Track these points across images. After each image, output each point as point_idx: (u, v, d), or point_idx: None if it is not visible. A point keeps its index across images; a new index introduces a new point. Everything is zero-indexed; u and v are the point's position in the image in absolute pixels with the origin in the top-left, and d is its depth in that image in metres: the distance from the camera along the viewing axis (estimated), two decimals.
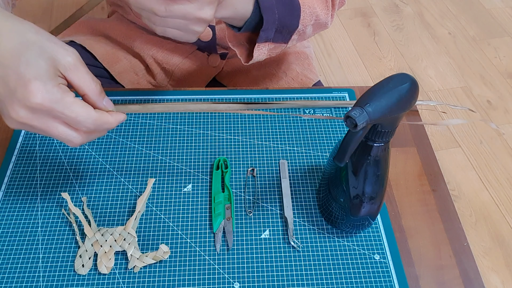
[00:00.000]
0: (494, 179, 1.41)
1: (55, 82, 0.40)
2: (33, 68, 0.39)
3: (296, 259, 0.52)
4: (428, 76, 1.71)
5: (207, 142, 0.62)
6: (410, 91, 0.41)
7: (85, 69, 0.42)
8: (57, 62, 0.40)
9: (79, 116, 0.41)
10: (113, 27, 0.78)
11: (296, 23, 0.63)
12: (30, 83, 0.38)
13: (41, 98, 0.39)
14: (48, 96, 0.39)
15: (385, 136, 0.44)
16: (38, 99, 0.39)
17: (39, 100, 0.39)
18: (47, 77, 0.39)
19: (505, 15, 1.97)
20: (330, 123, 0.65)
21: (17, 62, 0.39)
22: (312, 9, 0.64)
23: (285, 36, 0.63)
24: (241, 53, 0.67)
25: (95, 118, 0.42)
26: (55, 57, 0.40)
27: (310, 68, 0.82)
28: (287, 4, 0.61)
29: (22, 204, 0.55)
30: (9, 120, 0.41)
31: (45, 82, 0.39)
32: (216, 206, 0.55)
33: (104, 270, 0.50)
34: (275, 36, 0.61)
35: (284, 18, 0.61)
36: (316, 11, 0.65)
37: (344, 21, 1.92)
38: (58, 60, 0.40)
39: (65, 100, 0.40)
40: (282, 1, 0.60)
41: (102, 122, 0.43)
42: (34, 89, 0.38)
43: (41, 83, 0.39)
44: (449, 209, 0.58)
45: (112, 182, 0.58)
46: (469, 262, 0.53)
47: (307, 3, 0.63)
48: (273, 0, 0.58)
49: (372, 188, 0.48)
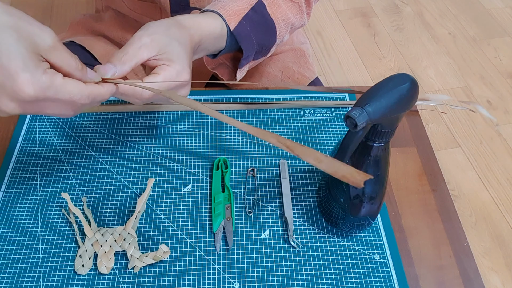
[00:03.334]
0: (494, 179, 1.41)
1: (42, 69, 0.38)
2: (16, 58, 0.37)
3: (296, 259, 0.52)
4: (428, 76, 1.71)
5: (207, 142, 0.62)
6: (410, 91, 0.41)
7: (63, 47, 0.41)
8: (37, 46, 0.38)
9: (73, 96, 0.40)
10: (109, 27, 0.78)
11: (273, 39, 0.63)
12: (18, 76, 0.37)
13: (33, 90, 0.37)
14: (39, 85, 0.37)
15: (385, 136, 0.44)
16: (30, 91, 0.37)
17: (30, 92, 0.37)
18: (33, 66, 0.37)
19: (505, 15, 1.97)
20: (330, 123, 0.65)
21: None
22: (286, 20, 0.64)
23: (264, 53, 0.64)
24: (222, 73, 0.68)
25: (88, 93, 0.41)
26: (34, 41, 0.38)
27: (307, 65, 0.82)
28: (262, 26, 0.61)
29: (22, 204, 0.55)
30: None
31: (32, 72, 0.37)
32: (216, 206, 0.55)
33: (104, 270, 0.50)
34: (255, 56, 0.62)
35: (262, 40, 0.61)
36: (290, 20, 0.65)
37: (344, 21, 1.91)
38: (37, 43, 0.38)
39: (55, 84, 0.39)
40: (257, 25, 0.60)
41: (95, 95, 0.42)
42: (24, 82, 0.37)
43: (29, 75, 0.37)
44: (449, 209, 0.58)
45: (112, 182, 0.58)
46: (469, 262, 0.53)
47: (280, 16, 0.63)
48: (248, 27, 0.59)
49: (372, 188, 0.48)
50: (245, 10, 0.59)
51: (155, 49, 0.47)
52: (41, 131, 0.62)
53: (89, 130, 0.63)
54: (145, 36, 0.47)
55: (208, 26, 0.55)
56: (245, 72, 0.65)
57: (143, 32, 0.48)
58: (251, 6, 0.59)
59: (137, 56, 0.46)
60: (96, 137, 0.62)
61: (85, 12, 1.57)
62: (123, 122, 0.64)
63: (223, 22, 0.57)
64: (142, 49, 0.46)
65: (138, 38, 0.47)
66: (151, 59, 0.47)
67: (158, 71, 0.47)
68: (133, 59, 0.46)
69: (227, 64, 0.70)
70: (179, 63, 0.48)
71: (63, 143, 0.61)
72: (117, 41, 0.78)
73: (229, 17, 0.57)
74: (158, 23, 0.50)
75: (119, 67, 0.45)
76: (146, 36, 0.47)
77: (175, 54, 0.48)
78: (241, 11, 0.58)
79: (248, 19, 0.59)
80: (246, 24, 0.58)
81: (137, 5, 0.72)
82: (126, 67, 0.45)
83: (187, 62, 0.49)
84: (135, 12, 0.73)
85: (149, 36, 0.47)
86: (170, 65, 0.47)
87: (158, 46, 0.47)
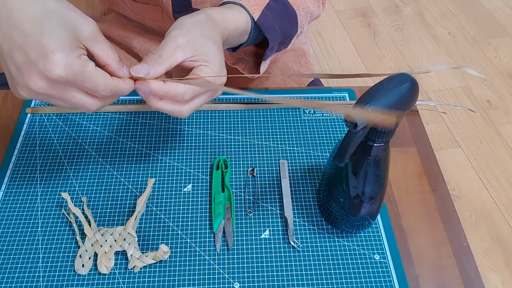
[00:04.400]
0: (494, 179, 1.41)
1: (77, 54, 0.39)
2: (56, 39, 0.38)
3: (296, 259, 0.52)
4: (428, 76, 1.71)
5: (207, 142, 0.62)
6: (410, 91, 0.41)
7: (104, 39, 0.42)
8: (79, 33, 0.40)
9: (98, 86, 0.41)
10: (111, 27, 0.78)
11: (295, 28, 0.63)
12: (53, 54, 0.38)
13: (64, 70, 0.38)
14: (71, 68, 0.39)
15: (385, 136, 0.44)
16: (61, 72, 0.38)
17: (61, 73, 0.38)
18: (69, 49, 0.39)
19: (505, 15, 1.97)
20: (330, 123, 0.65)
21: (39, 31, 0.38)
22: (306, 8, 0.64)
23: (287, 43, 0.64)
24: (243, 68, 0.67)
25: (112, 87, 0.42)
26: (76, 27, 0.40)
27: (307, 65, 0.82)
28: (284, 15, 0.61)
29: (22, 204, 0.55)
30: (24, 90, 0.40)
31: (68, 54, 0.38)
32: (216, 206, 0.55)
33: (104, 270, 0.50)
34: (279, 48, 0.62)
35: (285, 30, 0.61)
36: (310, 8, 0.65)
37: (344, 21, 1.92)
38: (79, 30, 0.40)
39: (85, 70, 0.40)
40: (279, 15, 0.60)
41: (117, 90, 0.43)
42: (57, 61, 0.38)
43: (64, 55, 0.38)
44: (449, 209, 0.58)
45: (112, 182, 0.58)
46: (469, 262, 0.53)
47: (301, 5, 0.63)
48: (271, 17, 0.58)
49: (372, 188, 0.48)
50: (266, 0, 0.58)
51: (191, 50, 0.46)
52: (41, 131, 0.62)
53: (89, 130, 0.63)
54: (181, 36, 0.46)
55: (235, 21, 0.54)
56: (267, 65, 0.64)
57: (178, 32, 0.46)
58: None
59: (172, 58, 0.45)
60: (96, 137, 0.62)
61: (85, 12, 1.57)
62: (123, 122, 0.64)
63: (248, 16, 0.56)
64: (177, 51, 0.45)
65: (173, 38, 0.46)
66: (186, 61, 0.46)
67: (197, 72, 0.46)
68: (168, 60, 0.45)
69: (247, 59, 0.69)
70: (216, 63, 0.47)
71: (63, 143, 0.61)
72: (118, 40, 0.78)
73: (252, 8, 0.56)
74: (191, 20, 0.48)
75: (153, 68, 0.44)
76: (181, 36, 0.46)
77: (211, 54, 0.47)
78: (262, 2, 0.58)
79: (270, 9, 0.58)
80: (269, 14, 0.58)
81: (139, 8, 0.72)
82: (160, 68, 0.44)
83: (223, 61, 0.48)
84: (137, 15, 0.73)
85: (185, 36, 0.46)
86: (207, 65, 0.46)
87: (193, 47, 0.46)
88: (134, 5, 0.72)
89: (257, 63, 0.69)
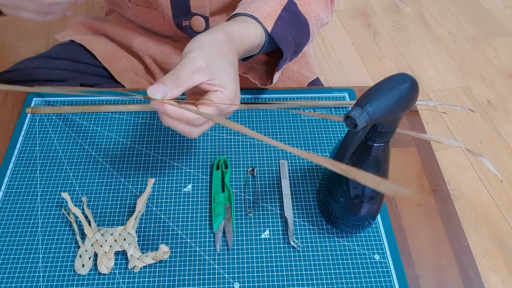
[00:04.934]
0: (494, 179, 1.41)
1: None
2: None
3: (296, 259, 0.52)
4: (428, 76, 1.71)
5: (207, 142, 0.62)
6: (410, 91, 0.41)
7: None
8: None
9: None
10: (112, 26, 0.78)
11: (307, 37, 0.63)
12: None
13: None
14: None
15: (385, 136, 0.44)
16: None
17: None
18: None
19: (505, 15, 1.97)
20: (330, 123, 0.65)
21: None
22: (317, 16, 0.64)
23: (298, 52, 0.64)
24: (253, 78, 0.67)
25: None
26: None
27: (307, 65, 0.82)
28: (296, 24, 0.60)
29: (22, 204, 0.55)
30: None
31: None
32: (216, 206, 0.55)
33: (104, 270, 0.50)
34: (291, 57, 0.62)
35: (297, 39, 0.61)
36: (320, 16, 0.65)
37: (344, 21, 1.91)
38: None
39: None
40: (291, 24, 0.59)
41: None
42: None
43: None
44: (449, 209, 0.58)
45: (112, 182, 0.58)
46: (469, 262, 0.53)
47: (312, 13, 0.63)
48: (283, 28, 0.58)
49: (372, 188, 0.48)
50: (278, 11, 0.58)
51: (209, 74, 0.46)
52: (41, 131, 0.62)
53: (89, 130, 0.63)
54: (200, 58, 0.46)
55: (251, 38, 0.54)
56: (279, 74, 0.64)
57: (198, 54, 0.46)
58: (282, 6, 0.59)
59: (190, 81, 0.45)
60: (96, 137, 0.62)
61: (85, 13, 1.57)
62: (123, 122, 0.64)
63: (262, 30, 0.56)
64: (195, 74, 0.45)
65: (193, 60, 0.45)
66: (203, 83, 0.46)
67: (211, 97, 0.46)
68: (186, 84, 0.45)
69: (256, 67, 0.70)
70: (231, 89, 0.47)
71: (63, 143, 0.61)
72: (119, 40, 0.78)
73: (264, 20, 0.56)
74: (210, 39, 0.48)
75: (170, 91, 0.43)
76: (200, 59, 0.46)
77: (228, 79, 0.47)
78: (274, 12, 0.57)
79: (282, 19, 0.58)
80: (281, 24, 0.58)
81: (141, 11, 0.72)
82: (178, 91, 0.44)
83: (238, 85, 0.48)
84: (139, 18, 0.74)
85: (204, 59, 0.46)
86: (223, 92, 0.46)
87: (212, 71, 0.46)
88: (136, 9, 0.73)
89: (267, 71, 0.69)
